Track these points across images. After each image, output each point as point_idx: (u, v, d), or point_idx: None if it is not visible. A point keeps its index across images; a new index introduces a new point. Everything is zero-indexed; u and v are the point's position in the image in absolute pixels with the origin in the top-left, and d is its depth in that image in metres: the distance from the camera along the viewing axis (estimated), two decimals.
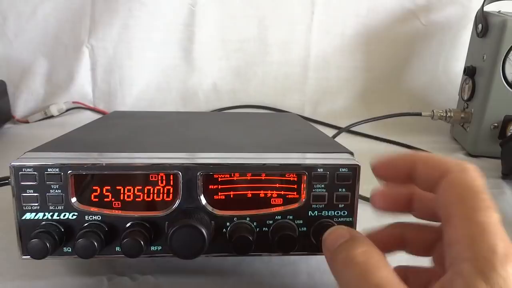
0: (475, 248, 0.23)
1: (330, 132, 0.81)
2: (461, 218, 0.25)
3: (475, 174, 0.27)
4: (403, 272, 0.32)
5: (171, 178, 0.34)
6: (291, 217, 0.35)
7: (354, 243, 0.28)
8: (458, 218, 0.25)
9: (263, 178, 0.35)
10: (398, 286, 0.24)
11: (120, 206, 0.34)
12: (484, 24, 0.73)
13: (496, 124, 0.73)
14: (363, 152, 0.44)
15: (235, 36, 0.93)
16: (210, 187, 0.34)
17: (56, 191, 0.33)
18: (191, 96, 0.94)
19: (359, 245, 0.27)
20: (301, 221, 0.35)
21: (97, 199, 0.34)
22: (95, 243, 0.32)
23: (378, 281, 0.24)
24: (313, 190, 0.35)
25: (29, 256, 0.33)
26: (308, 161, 0.35)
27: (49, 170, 0.33)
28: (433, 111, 0.80)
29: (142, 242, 0.32)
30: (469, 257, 0.23)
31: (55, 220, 0.34)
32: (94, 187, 0.34)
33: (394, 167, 0.32)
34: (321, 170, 0.35)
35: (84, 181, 0.34)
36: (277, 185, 0.35)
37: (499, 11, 0.75)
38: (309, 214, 0.35)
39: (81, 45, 0.87)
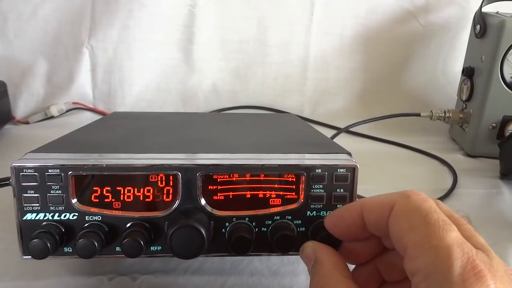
0: (430, 279, 0.23)
1: (329, 133, 0.82)
2: (415, 246, 0.25)
3: (419, 197, 0.27)
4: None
5: (171, 178, 0.34)
6: (289, 217, 0.35)
7: (316, 269, 0.30)
8: (412, 248, 0.25)
9: (262, 178, 0.35)
10: None
11: (120, 206, 0.35)
12: (482, 25, 0.73)
13: (494, 125, 0.73)
14: (362, 153, 0.45)
15: (235, 37, 0.93)
16: (209, 187, 0.35)
17: (57, 191, 0.34)
18: (191, 97, 0.94)
19: (317, 273, 0.30)
20: (300, 221, 0.35)
21: (97, 200, 0.34)
22: (96, 243, 0.33)
23: None
24: (312, 190, 0.35)
25: (30, 256, 0.33)
26: (306, 162, 0.35)
27: (49, 171, 0.33)
28: (431, 111, 0.81)
29: (142, 242, 0.33)
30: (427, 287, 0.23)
31: (56, 221, 0.34)
32: (94, 188, 0.34)
33: (343, 221, 0.31)
34: (319, 170, 0.35)
35: (84, 182, 0.34)
36: (276, 185, 0.35)
37: (497, 12, 0.76)
38: (308, 214, 0.35)
39: (81, 46, 0.88)
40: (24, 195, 0.34)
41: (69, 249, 0.35)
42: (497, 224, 0.53)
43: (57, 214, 0.34)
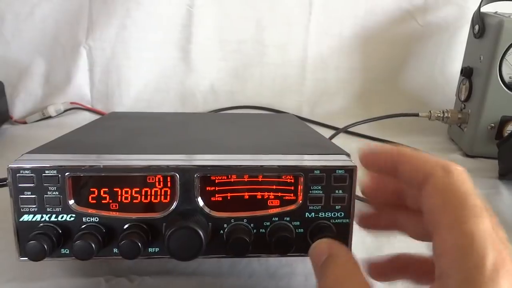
0: (461, 263, 0.22)
1: (327, 133, 0.81)
2: (448, 227, 0.24)
3: (462, 176, 0.26)
4: (403, 259, 0.32)
5: (169, 180, 0.34)
6: (288, 218, 0.35)
7: (330, 261, 0.29)
8: (445, 228, 0.24)
9: (260, 179, 0.35)
10: None
11: (117, 208, 0.34)
12: (481, 25, 0.73)
13: (493, 125, 0.73)
14: None
15: (233, 37, 0.93)
16: (207, 188, 0.35)
17: (54, 193, 0.34)
18: (189, 97, 0.94)
19: (330, 264, 0.29)
20: (298, 223, 0.35)
21: (94, 201, 0.34)
22: (93, 245, 0.32)
23: None
24: (310, 191, 0.35)
25: (26, 258, 0.33)
26: (305, 163, 0.35)
27: (46, 172, 0.33)
28: (430, 111, 0.81)
29: (139, 244, 0.33)
30: (456, 273, 0.22)
31: (53, 222, 0.34)
32: (91, 189, 0.34)
33: (379, 160, 0.31)
34: (318, 171, 0.35)
35: (81, 183, 0.34)
36: (274, 186, 0.35)
37: (496, 12, 0.76)
38: (306, 216, 0.35)
39: (78, 45, 0.87)
40: (21, 196, 0.33)
41: (66, 251, 0.34)
42: None
43: (54, 216, 0.34)
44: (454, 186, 0.25)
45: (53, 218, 0.34)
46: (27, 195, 0.33)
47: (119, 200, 0.34)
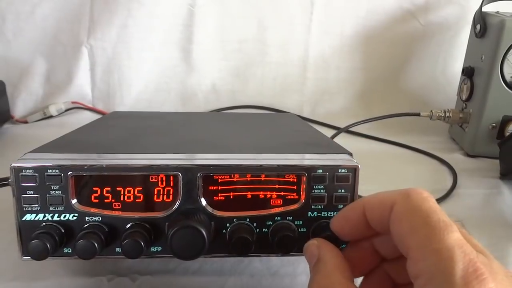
0: (433, 282, 0.23)
1: (329, 133, 0.81)
2: (417, 249, 0.24)
3: (419, 196, 0.26)
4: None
5: (171, 179, 0.34)
6: (290, 218, 0.35)
7: (318, 267, 0.29)
8: (414, 250, 0.24)
9: (262, 179, 0.35)
10: None
11: (120, 207, 0.34)
12: (482, 25, 0.73)
13: (494, 124, 0.73)
14: (362, 153, 0.45)
15: (234, 37, 0.93)
16: (210, 188, 0.35)
17: (57, 192, 0.34)
18: (190, 97, 0.94)
19: (318, 271, 0.29)
20: (301, 222, 0.35)
21: (97, 200, 0.34)
22: (95, 244, 0.32)
23: None
24: (313, 191, 0.35)
25: (29, 257, 0.33)
26: (307, 162, 0.35)
27: (49, 171, 0.33)
28: (431, 111, 0.81)
29: (142, 243, 0.33)
30: None
31: (56, 221, 0.34)
32: (94, 188, 0.34)
33: (348, 221, 0.31)
34: (321, 171, 0.35)
35: (84, 182, 0.34)
36: (277, 186, 0.35)
37: (497, 11, 0.76)
38: (309, 215, 0.35)
39: (80, 45, 0.87)
40: (24, 195, 0.33)
41: (69, 250, 0.34)
42: (497, 224, 0.53)
43: (56, 215, 0.34)
44: (415, 207, 0.26)
45: (55, 218, 0.34)
46: (29, 194, 0.33)
47: (121, 199, 0.34)
